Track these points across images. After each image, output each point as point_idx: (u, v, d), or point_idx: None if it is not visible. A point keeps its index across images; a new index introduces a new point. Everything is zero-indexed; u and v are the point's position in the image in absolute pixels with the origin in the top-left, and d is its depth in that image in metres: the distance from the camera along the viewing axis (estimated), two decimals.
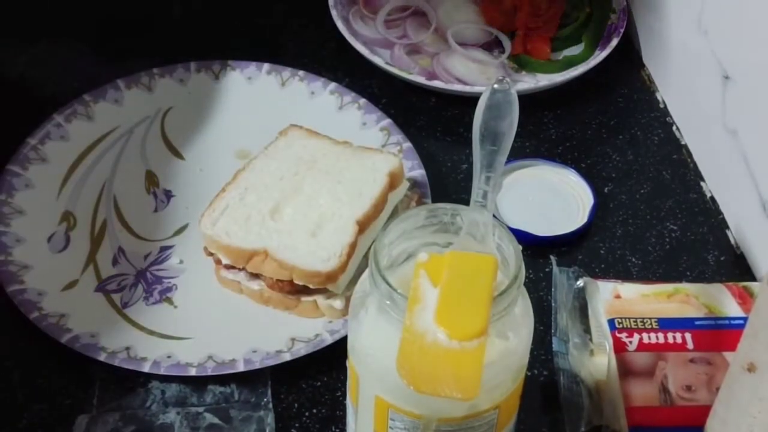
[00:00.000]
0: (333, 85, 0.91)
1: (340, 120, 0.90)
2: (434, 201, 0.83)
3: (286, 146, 0.83)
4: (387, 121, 0.89)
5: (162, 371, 0.71)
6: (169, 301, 0.78)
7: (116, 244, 0.81)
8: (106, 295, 0.78)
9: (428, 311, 0.52)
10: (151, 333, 0.75)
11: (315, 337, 0.74)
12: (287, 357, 0.73)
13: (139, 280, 0.79)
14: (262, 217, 0.77)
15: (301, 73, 0.92)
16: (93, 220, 0.83)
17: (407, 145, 0.87)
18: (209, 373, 0.71)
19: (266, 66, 0.93)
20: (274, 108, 0.90)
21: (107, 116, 0.89)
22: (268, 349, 0.73)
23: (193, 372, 0.71)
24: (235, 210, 0.78)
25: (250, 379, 0.73)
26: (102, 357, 0.72)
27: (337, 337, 0.74)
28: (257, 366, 0.72)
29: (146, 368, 0.71)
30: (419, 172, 0.85)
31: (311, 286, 0.75)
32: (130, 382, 0.72)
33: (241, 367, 0.72)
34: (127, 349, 0.73)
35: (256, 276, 0.77)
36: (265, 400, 0.71)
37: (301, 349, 0.73)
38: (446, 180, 0.86)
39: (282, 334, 0.75)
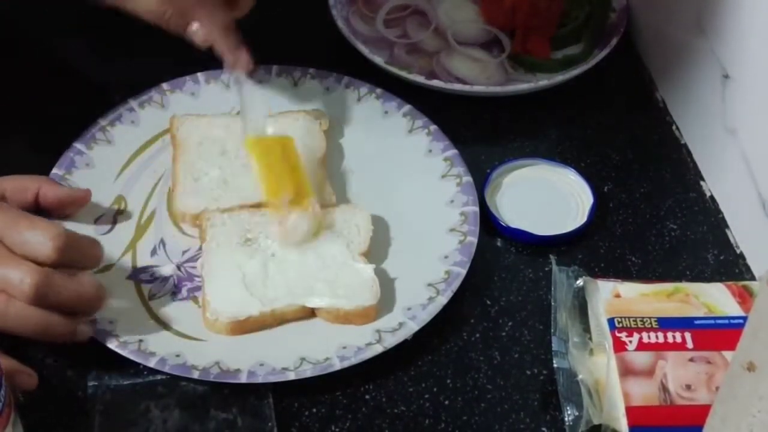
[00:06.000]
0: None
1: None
2: None
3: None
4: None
5: (167, 369, 0.71)
6: (196, 300, 0.77)
7: (159, 235, 0.81)
8: (136, 283, 0.77)
9: None
10: (168, 328, 0.75)
11: (324, 360, 0.73)
12: (291, 376, 0.71)
13: (173, 274, 0.78)
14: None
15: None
16: (143, 208, 0.82)
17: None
18: (211, 379, 0.71)
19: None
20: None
21: (181, 108, 0.88)
22: (275, 365, 0.72)
23: (196, 375, 0.71)
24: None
25: (252, 406, 0.71)
26: (113, 345, 0.72)
27: (346, 364, 0.72)
28: (260, 380, 0.71)
29: (152, 363, 0.71)
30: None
31: None
32: (130, 413, 0.71)
33: (243, 379, 0.71)
34: (140, 341, 0.73)
35: None
36: (270, 424, 0.70)
37: (307, 371, 0.72)
38: None
39: (292, 352, 0.73)
